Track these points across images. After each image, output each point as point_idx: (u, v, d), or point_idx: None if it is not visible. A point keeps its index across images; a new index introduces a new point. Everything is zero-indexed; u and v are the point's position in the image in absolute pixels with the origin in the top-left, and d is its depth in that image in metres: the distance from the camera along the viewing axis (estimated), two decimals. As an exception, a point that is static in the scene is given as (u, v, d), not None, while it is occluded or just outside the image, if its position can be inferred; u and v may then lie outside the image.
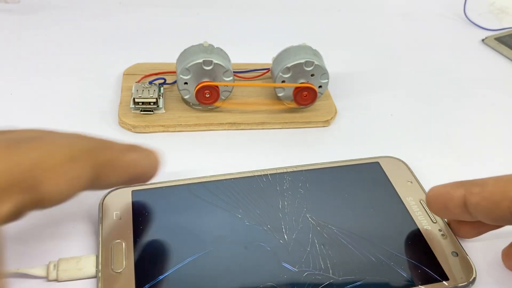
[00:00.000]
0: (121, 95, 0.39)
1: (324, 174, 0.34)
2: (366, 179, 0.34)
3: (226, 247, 0.28)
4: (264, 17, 0.55)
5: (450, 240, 0.30)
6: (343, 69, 0.47)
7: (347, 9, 0.58)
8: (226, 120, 0.38)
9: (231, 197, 0.31)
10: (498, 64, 0.50)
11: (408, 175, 0.34)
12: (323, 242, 0.29)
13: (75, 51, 0.46)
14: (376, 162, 0.35)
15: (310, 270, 0.27)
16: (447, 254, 0.29)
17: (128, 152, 0.26)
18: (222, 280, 0.26)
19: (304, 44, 0.38)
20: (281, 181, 0.33)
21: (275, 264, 0.27)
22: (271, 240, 0.29)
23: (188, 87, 0.37)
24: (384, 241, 0.29)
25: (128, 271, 0.26)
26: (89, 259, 0.27)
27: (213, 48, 0.37)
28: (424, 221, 0.31)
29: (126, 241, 0.28)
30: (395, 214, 0.31)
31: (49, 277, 0.26)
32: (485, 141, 0.40)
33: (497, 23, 0.57)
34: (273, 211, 0.31)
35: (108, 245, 0.27)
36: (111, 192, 0.30)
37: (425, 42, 0.53)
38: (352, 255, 0.28)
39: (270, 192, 0.32)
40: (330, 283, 0.27)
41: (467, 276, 0.28)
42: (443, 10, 0.59)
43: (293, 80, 0.38)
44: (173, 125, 0.37)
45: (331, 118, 0.40)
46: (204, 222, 0.29)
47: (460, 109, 0.43)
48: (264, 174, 0.33)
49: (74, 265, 0.26)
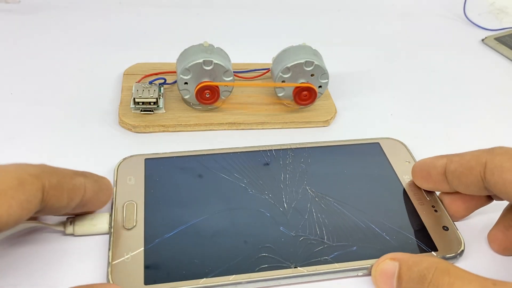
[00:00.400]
0: (121, 95, 0.39)
1: (326, 151, 0.36)
2: (365, 157, 0.36)
3: (229, 211, 0.30)
4: (264, 17, 0.55)
5: (442, 216, 0.31)
6: (343, 69, 0.47)
7: (347, 9, 0.58)
8: (226, 120, 0.38)
9: (237, 168, 0.33)
10: (497, 64, 0.50)
11: (407, 155, 0.36)
12: (320, 211, 0.31)
13: (75, 51, 0.46)
14: (377, 142, 0.37)
15: (306, 235, 0.30)
16: (438, 228, 0.31)
17: (76, 176, 0.26)
18: (224, 240, 0.29)
19: (304, 44, 0.38)
20: (285, 156, 0.35)
21: (274, 228, 0.30)
22: (272, 207, 0.31)
23: (188, 87, 0.37)
24: (378, 213, 0.31)
25: (138, 228, 0.29)
26: (103, 217, 0.29)
27: (213, 48, 0.37)
28: (418, 196, 0.33)
29: (137, 202, 0.30)
30: (391, 189, 0.33)
31: (66, 231, 0.28)
32: (485, 141, 0.40)
33: (496, 23, 0.57)
34: (275, 183, 0.33)
35: (121, 205, 0.30)
36: (126, 159, 0.33)
37: (425, 42, 0.53)
38: (346, 224, 0.30)
39: (273, 166, 0.34)
40: (323, 248, 0.29)
41: (455, 248, 0.29)
42: (443, 10, 0.59)
43: (293, 80, 0.38)
44: (173, 125, 0.37)
45: (331, 118, 0.40)
46: (209, 188, 0.32)
47: (460, 109, 0.43)
48: (269, 149, 0.35)
49: (89, 221, 0.29)
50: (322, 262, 0.28)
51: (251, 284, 0.27)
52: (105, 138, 0.36)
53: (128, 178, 0.32)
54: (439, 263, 0.24)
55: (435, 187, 0.32)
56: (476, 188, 0.28)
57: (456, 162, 0.29)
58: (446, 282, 0.23)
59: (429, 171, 0.31)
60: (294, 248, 0.29)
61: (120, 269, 0.26)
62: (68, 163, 0.34)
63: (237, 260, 0.28)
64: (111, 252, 0.27)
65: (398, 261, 0.26)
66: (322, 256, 0.28)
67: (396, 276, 0.26)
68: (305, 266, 0.28)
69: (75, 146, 0.35)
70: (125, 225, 0.29)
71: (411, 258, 0.26)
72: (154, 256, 0.27)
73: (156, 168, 0.33)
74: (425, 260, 0.25)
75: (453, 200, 0.31)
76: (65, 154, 0.35)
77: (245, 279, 0.27)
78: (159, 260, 0.27)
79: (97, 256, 0.28)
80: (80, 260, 0.28)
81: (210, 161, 0.34)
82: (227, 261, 0.28)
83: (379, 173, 0.34)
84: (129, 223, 0.29)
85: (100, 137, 0.36)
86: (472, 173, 0.28)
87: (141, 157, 0.33)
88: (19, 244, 0.28)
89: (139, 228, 0.29)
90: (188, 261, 0.27)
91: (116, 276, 0.26)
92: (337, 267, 0.28)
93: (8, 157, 0.34)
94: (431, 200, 0.32)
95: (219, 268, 0.27)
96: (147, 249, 0.28)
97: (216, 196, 0.31)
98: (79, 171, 0.27)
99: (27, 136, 0.36)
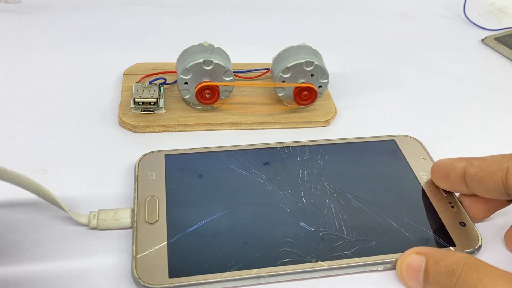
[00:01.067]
0: (121, 95, 0.39)
1: (342, 148, 0.36)
2: (382, 154, 0.36)
3: (249, 206, 0.31)
4: (264, 17, 0.55)
5: (459, 212, 0.32)
6: (343, 69, 0.47)
7: (347, 9, 0.58)
8: (226, 120, 0.38)
9: (255, 164, 0.34)
10: (497, 64, 0.50)
11: (422, 152, 0.36)
12: (339, 207, 0.32)
13: (75, 51, 0.46)
14: (393, 140, 0.37)
15: (326, 230, 0.30)
16: (455, 223, 0.31)
17: None
18: (245, 234, 0.29)
19: (304, 44, 0.38)
20: (302, 153, 0.35)
21: (294, 224, 0.30)
22: (291, 203, 0.31)
23: (188, 87, 0.37)
24: (396, 208, 0.32)
25: (161, 223, 0.29)
26: (125, 211, 0.30)
27: (213, 48, 0.37)
28: (435, 193, 0.33)
29: (159, 196, 0.31)
30: (408, 186, 0.34)
31: (90, 224, 0.29)
32: (484, 141, 0.40)
33: (496, 23, 0.57)
34: (293, 179, 0.33)
35: (143, 200, 0.30)
36: (146, 155, 0.34)
37: (425, 42, 0.53)
38: (365, 219, 0.31)
39: (291, 162, 0.34)
40: (343, 242, 0.29)
41: (473, 244, 0.30)
42: (443, 10, 0.59)
43: (293, 80, 0.38)
44: (173, 125, 0.37)
45: (331, 118, 0.40)
46: (229, 184, 0.32)
47: (460, 109, 0.43)
48: (286, 146, 0.36)
49: (112, 215, 0.29)
50: (343, 257, 0.28)
51: (273, 278, 0.27)
52: (105, 138, 0.36)
53: (149, 173, 0.32)
54: (467, 258, 0.25)
55: (453, 188, 0.32)
56: (496, 193, 0.28)
57: (477, 166, 0.29)
58: (475, 277, 0.23)
59: (448, 173, 0.31)
60: (314, 243, 0.29)
61: (145, 263, 0.27)
62: (68, 163, 0.34)
63: (259, 254, 0.28)
64: (135, 246, 0.28)
65: (424, 255, 0.26)
66: (342, 251, 0.29)
67: (423, 270, 0.26)
68: (326, 260, 0.28)
69: (75, 146, 0.35)
70: (148, 219, 0.29)
71: (438, 253, 0.26)
72: (177, 249, 0.28)
73: (176, 163, 0.33)
74: (453, 255, 0.25)
75: (473, 203, 0.31)
76: (65, 154, 0.35)
77: (267, 273, 0.27)
78: (183, 253, 0.28)
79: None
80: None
81: (228, 157, 0.34)
82: (249, 255, 0.28)
83: (396, 170, 0.35)
84: (152, 217, 0.29)
85: (100, 137, 0.36)
86: (493, 178, 0.28)
87: (161, 153, 0.34)
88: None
89: (162, 222, 0.29)
90: (210, 255, 0.28)
91: (141, 269, 0.27)
92: (358, 262, 0.28)
93: (8, 157, 0.34)
94: (447, 197, 0.33)
95: (241, 262, 0.28)
96: (170, 243, 0.28)
97: (236, 192, 0.32)
98: None
99: (27, 136, 0.36)
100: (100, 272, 0.28)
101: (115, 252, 0.29)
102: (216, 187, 0.32)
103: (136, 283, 0.26)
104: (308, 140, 0.36)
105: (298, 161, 0.35)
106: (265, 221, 0.30)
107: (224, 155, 0.35)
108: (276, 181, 0.33)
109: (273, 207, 0.31)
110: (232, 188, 0.32)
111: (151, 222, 0.29)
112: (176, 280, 0.26)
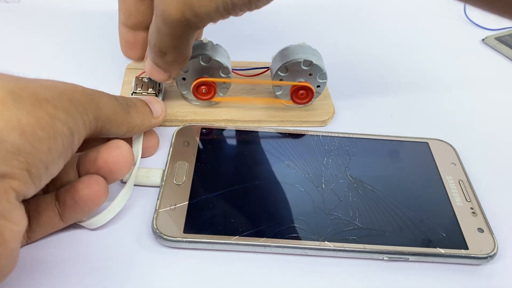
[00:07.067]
0: (121, 88, 0.39)
1: (372, 143, 0.37)
2: (411, 154, 0.36)
3: (269, 183, 0.33)
4: (264, 17, 0.55)
5: (479, 218, 0.32)
6: (343, 69, 0.46)
7: (347, 9, 0.58)
8: (223, 117, 0.38)
9: (283, 147, 0.36)
10: (498, 64, 0.50)
11: (454, 158, 0.36)
12: (357, 196, 0.32)
13: (75, 51, 0.46)
14: (426, 142, 0.38)
15: (339, 215, 0.31)
16: (473, 228, 0.31)
17: None
18: (260, 207, 0.31)
19: (303, 44, 0.38)
20: (330, 143, 0.37)
21: (309, 204, 0.31)
22: (310, 186, 0.33)
23: (186, 83, 0.37)
24: (413, 206, 0.32)
25: (186, 185, 0.32)
26: (157, 171, 0.33)
27: (212, 45, 0.37)
28: (457, 198, 0.33)
29: (189, 162, 0.33)
30: (431, 187, 0.34)
31: (123, 178, 0.31)
32: (484, 141, 0.40)
33: (497, 23, 0.57)
34: (317, 164, 0.35)
35: (174, 163, 0.33)
36: (186, 126, 0.36)
37: (425, 42, 0.53)
38: (380, 212, 0.31)
39: (318, 150, 0.36)
40: (353, 229, 0.30)
41: (487, 250, 0.30)
42: (443, 10, 0.59)
43: (290, 79, 0.38)
44: (170, 119, 0.37)
45: (328, 118, 0.39)
46: (254, 161, 0.34)
47: (460, 109, 0.43)
48: (316, 135, 0.37)
49: (144, 173, 0.32)
50: (350, 241, 0.29)
51: (279, 249, 0.29)
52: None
53: (184, 142, 0.35)
54: None
55: None
56: None
57: None
58: None
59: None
60: (324, 225, 0.30)
61: (165, 217, 0.29)
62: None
63: (269, 225, 0.30)
64: (159, 201, 0.30)
65: None
66: (350, 236, 0.30)
67: None
68: (332, 241, 0.29)
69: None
70: (175, 180, 0.32)
71: None
72: (195, 210, 0.30)
73: (210, 136, 0.36)
74: None
75: None
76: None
77: (273, 243, 0.29)
78: (200, 214, 0.30)
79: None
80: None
81: (260, 137, 0.36)
82: (260, 224, 0.30)
83: (422, 170, 0.35)
84: (179, 179, 0.32)
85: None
86: None
87: (198, 125, 0.37)
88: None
89: (187, 185, 0.32)
90: (224, 219, 0.30)
91: (160, 222, 0.29)
92: (363, 248, 0.29)
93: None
94: (470, 203, 0.33)
95: (251, 229, 0.29)
96: (191, 203, 0.30)
97: (260, 169, 0.34)
98: None
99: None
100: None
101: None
102: (241, 162, 0.34)
103: (154, 233, 0.29)
104: (339, 132, 0.37)
105: (325, 150, 0.36)
106: (281, 198, 0.32)
107: (255, 135, 0.37)
108: (299, 164, 0.34)
109: (291, 187, 0.33)
110: (256, 165, 0.34)
111: (177, 183, 0.32)
112: (189, 235, 0.29)
